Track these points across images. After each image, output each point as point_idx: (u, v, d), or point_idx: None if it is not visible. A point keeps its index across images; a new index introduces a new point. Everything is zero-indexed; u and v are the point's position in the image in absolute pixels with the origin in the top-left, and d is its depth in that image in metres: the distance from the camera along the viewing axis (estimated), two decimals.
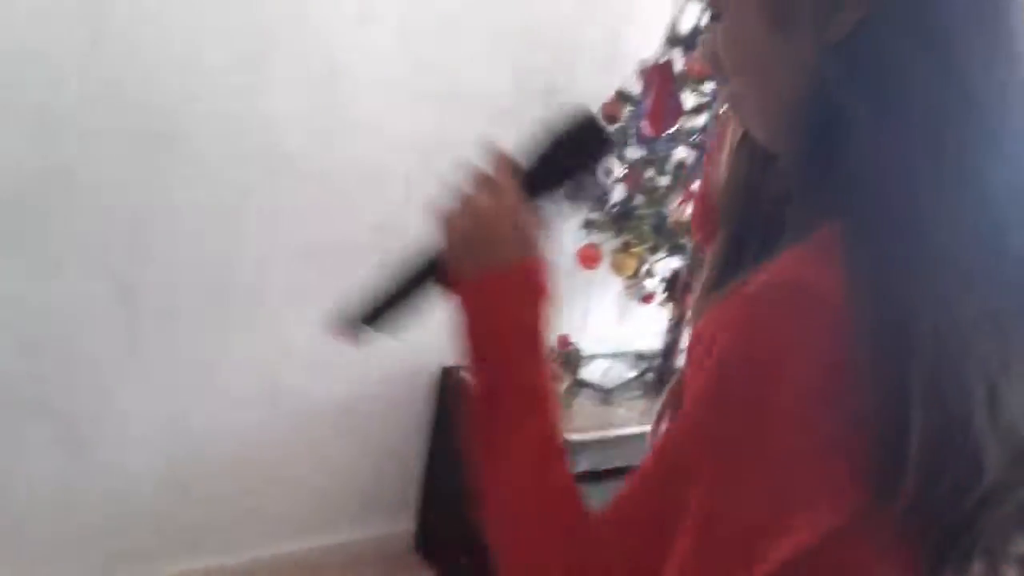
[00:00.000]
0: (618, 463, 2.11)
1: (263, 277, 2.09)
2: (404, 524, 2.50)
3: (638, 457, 2.18)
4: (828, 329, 0.55)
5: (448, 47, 2.12)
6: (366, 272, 2.29)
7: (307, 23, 1.94)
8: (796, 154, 0.64)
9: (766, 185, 0.70)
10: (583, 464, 2.03)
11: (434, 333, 2.33)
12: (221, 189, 1.97)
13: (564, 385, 2.26)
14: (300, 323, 2.17)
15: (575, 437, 2.06)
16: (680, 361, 2.37)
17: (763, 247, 0.66)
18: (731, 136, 0.73)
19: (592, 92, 2.27)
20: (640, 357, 2.50)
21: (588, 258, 2.14)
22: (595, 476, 2.08)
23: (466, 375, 0.79)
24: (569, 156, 0.78)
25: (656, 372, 2.36)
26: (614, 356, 2.50)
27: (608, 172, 2.07)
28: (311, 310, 2.17)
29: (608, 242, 2.16)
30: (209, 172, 1.94)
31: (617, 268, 2.14)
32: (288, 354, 2.18)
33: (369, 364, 2.30)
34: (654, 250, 2.10)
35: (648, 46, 2.20)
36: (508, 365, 0.74)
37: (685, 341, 2.33)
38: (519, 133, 2.49)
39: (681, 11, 2.12)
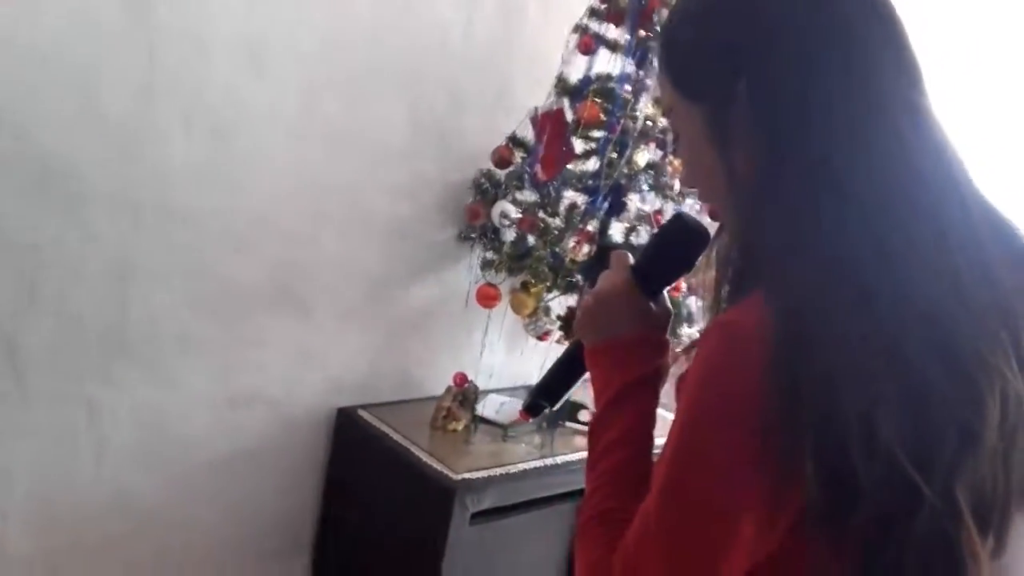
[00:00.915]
0: (520, 498, 2.17)
1: (155, 326, 2.03)
2: (299, 567, 2.45)
3: (538, 491, 2.26)
4: (748, 357, 0.68)
5: (343, 91, 2.14)
6: (265, 321, 2.28)
7: (200, 69, 1.92)
8: (742, 240, 0.81)
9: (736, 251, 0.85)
10: (488, 500, 2.07)
11: (329, 375, 2.35)
12: (112, 237, 1.91)
13: (463, 422, 2.30)
14: (194, 371, 2.12)
15: (477, 475, 2.10)
16: (575, 395, 2.46)
17: (737, 292, 0.81)
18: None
19: (484, 137, 2.35)
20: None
21: (486, 297, 2.19)
22: (499, 512, 2.13)
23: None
24: (670, 255, 0.95)
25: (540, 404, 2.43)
26: (508, 391, 2.56)
27: (506, 216, 2.14)
28: (205, 357, 2.14)
29: (505, 281, 2.22)
30: (99, 219, 1.88)
31: (516, 307, 2.21)
32: (181, 402, 2.12)
33: (263, 408, 2.27)
34: (550, 289, 2.18)
35: (536, 93, 2.30)
36: (598, 417, 0.90)
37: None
38: (414, 177, 2.56)
39: (568, 62, 2.24)
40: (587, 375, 0.98)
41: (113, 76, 1.81)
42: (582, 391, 2.54)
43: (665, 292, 0.97)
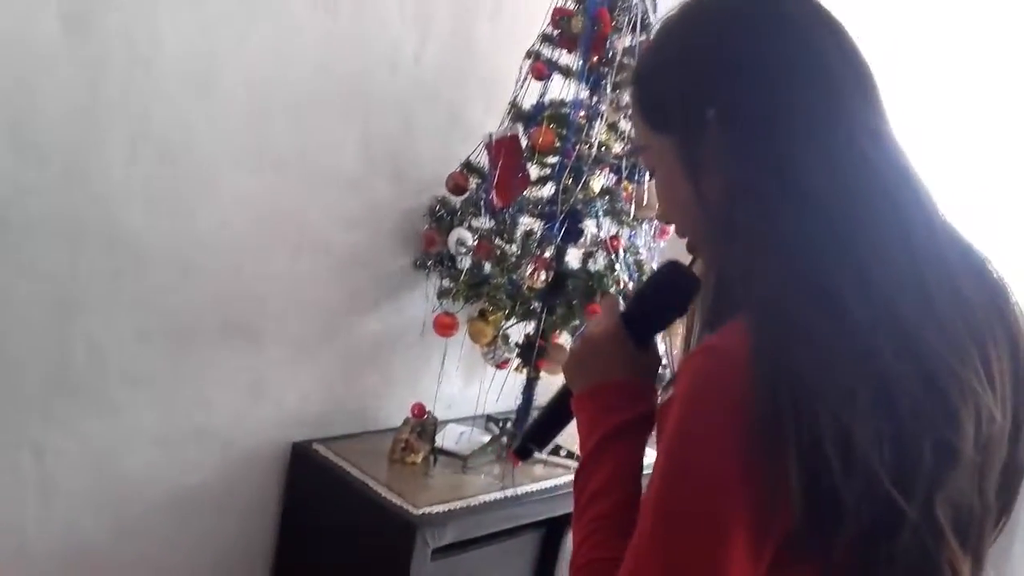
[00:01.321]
0: (481, 531, 2.13)
1: (99, 361, 1.96)
2: None
3: (500, 524, 2.22)
4: (733, 376, 0.69)
5: (294, 117, 2.10)
6: (214, 353, 2.22)
7: (147, 90, 1.86)
8: (720, 268, 0.82)
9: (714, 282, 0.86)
10: (449, 535, 2.03)
11: (284, 408, 2.29)
12: (50, 268, 1.83)
13: (422, 454, 2.26)
14: (142, 406, 2.05)
15: (438, 508, 2.06)
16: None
17: (717, 323, 0.80)
18: None
19: (438, 163, 2.33)
20: (491, 420, 2.54)
21: (444, 326, 2.16)
22: (461, 546, 2.08)
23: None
24: (661, 302, 0.95)
25: (509, 436, 2.40)
26: (466, 420, 2.52)
27: (463, 244, 2.11)
28: (153, 392, 2.06)
29: (463, 309, 2.19)
30: (35, 249, 1.81)
31: (475, 336, 2.18)
32: (130, 439, 2.04)
33: (216, 442, 2.20)
34: (508, 316, 2.16)
35: (489, 119, 2.29)
36: (583, 465, 0.90)
37: (537, 401, 2.41)
38: (367, 204, 2.52)
39: (522, 88, 2.23)
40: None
41: (49, 98, 1.74)
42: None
43: (657, 339, 0.97)
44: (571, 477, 2.45)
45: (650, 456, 0.81)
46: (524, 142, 2.16)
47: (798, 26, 0.78)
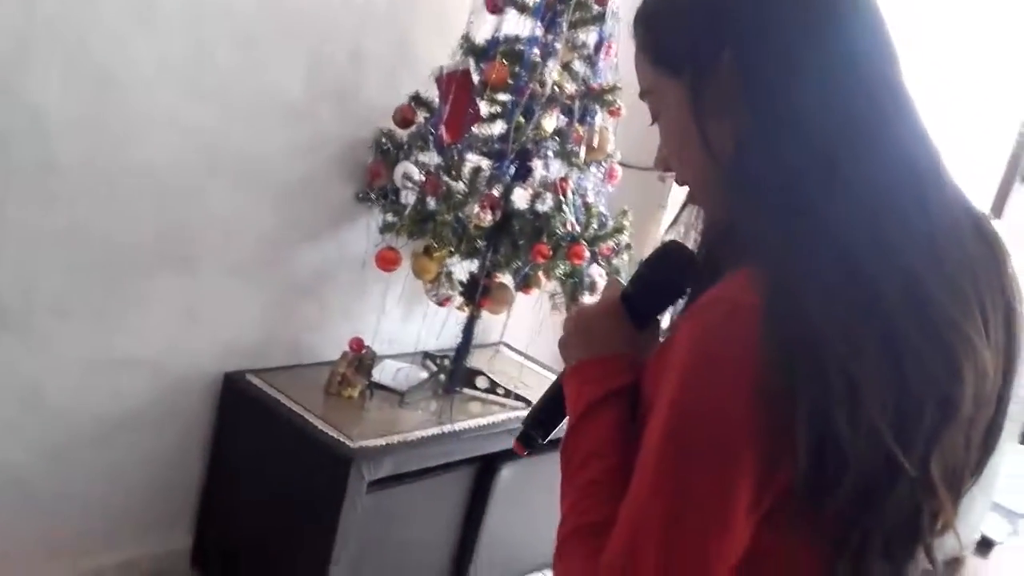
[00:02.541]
0: (417, 465, 2.14)
1: (29, 289, 1.88)
2: (182, 539, 2.35)
3: (436, 458, 2.24)
4: (745, 328, 0.68)
5: (237, 46, 2.02)
6: (148, 283, 2.14)
7: (84, 16, 1.76)
8: (724, 217, 0.82)
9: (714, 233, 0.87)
10: (385, 468, 2.03)
11: (217, 338, 2.24)
12: None
13: (359, 389, 2.24)
14: (72, 336, 1.98)
15: (375, 442, 2.05)
16: (472, 361, 2.44)
17: (715, 275, 0.79)
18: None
19: (385, 95, 2.27)
20: (429, 357, 2.54)
21: (387, 260, 2.13)
22: (397, 479, 2.09)
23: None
24: (659, 285, 0.93)
25: (447, 373, 2.40)
26: (404, 357, 2.51)
27: (409, 178, 2.08)
28: (83, 324, 1.99)
29: (407, 245, 2.16)
30: None
31: (418, 272, 2.15)
32: (59, 370, 1.98)
33: (146, 372, 2.14)
34: (453, 254, 2.14)
35: (440, 52, 2.23)
36: (571, 428, 0.88)
37: (476, 339, 2.42)
38: (310, 135, 2.46)
39: (476, 21, 2.18)
40: None
41: None
42: (478, 356, 2.53)
43: (659, 318, 0.95)
44: (508, 415, 2.48)
45: None
46: (476, 78, 2.12)
47: None
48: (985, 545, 1.68)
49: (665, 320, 0.97)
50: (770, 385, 0.67)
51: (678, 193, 2.94)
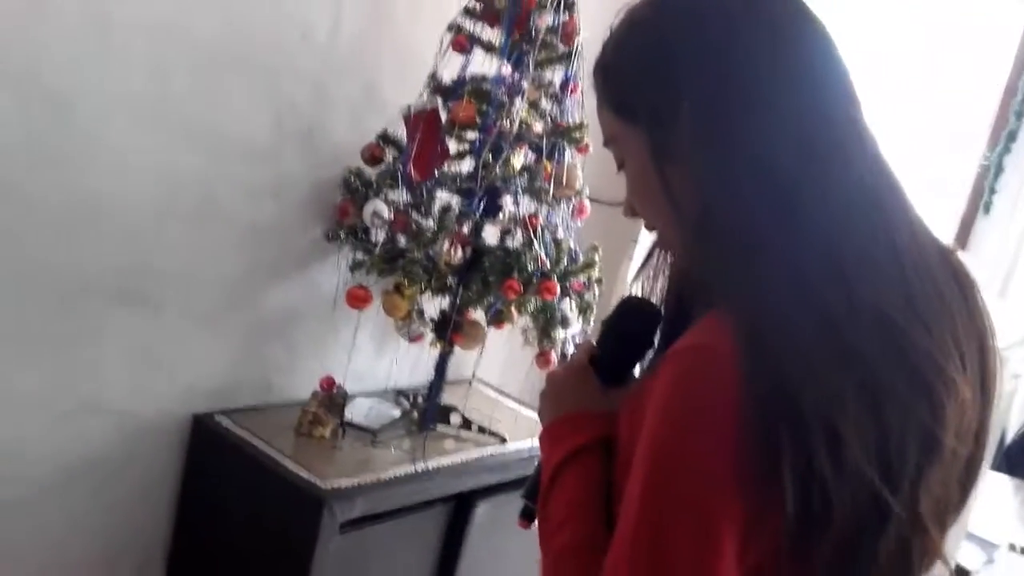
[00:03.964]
0: (391, 505, 2.12)
1: None
2: None
3: (410, 498, 2.21)
4: (723, 376, 0.68)
5: (202, 79, 2.02)
6: (108, 322, 2.10)
7: (37, 33, 1.73)
8: (694, 264, 0.82)
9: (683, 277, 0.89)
10: (358, 508, 2.01)
11: (184, 380, 2.21)
12: None
13: (330, 428, 2.22)
14: (24, 375, 1.94)
15: (347, 482, 2.03)
16: (445, 397, 2.43)
17: (687, 319, 0.80)
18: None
19: (352, 135, 2.28)
20: (401, 394, 2.52)
21: (357, 298, 2.12)
22: (372, 519, 2.07)
23: None
24: (625, 341, 0.95)
25: (420, 410, 2.39)
26: (376, 394, 2.50)
27: (379, 216, 2.08)
28: (37, 359, 1.95)
29: (377, 283, 2.16)
30: None
31: (389, 310, 2.15)
32: (13, 411, 1.94)
33: (110, 413, 2.10)
34: (424, 290, 2.14)
35: (406, 92, 2.25)
36: (543, 493, 0.88)
37: (448, 376, 2.41)
38: (275, 173, 2.44)
39: (442, 61, 2.21)
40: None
41: None
42: (451, 393, 2.53)
43: (633, 374, 0.96)
44: (482, 451, 2.46)
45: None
46: (444, 116, 2.14)
47: (775, 18, 0.77)
48: (961, 575, 1.70)
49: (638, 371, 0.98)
50: (752, 434, 0.67)
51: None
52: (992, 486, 2.98)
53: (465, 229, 2.14)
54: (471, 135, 2.18)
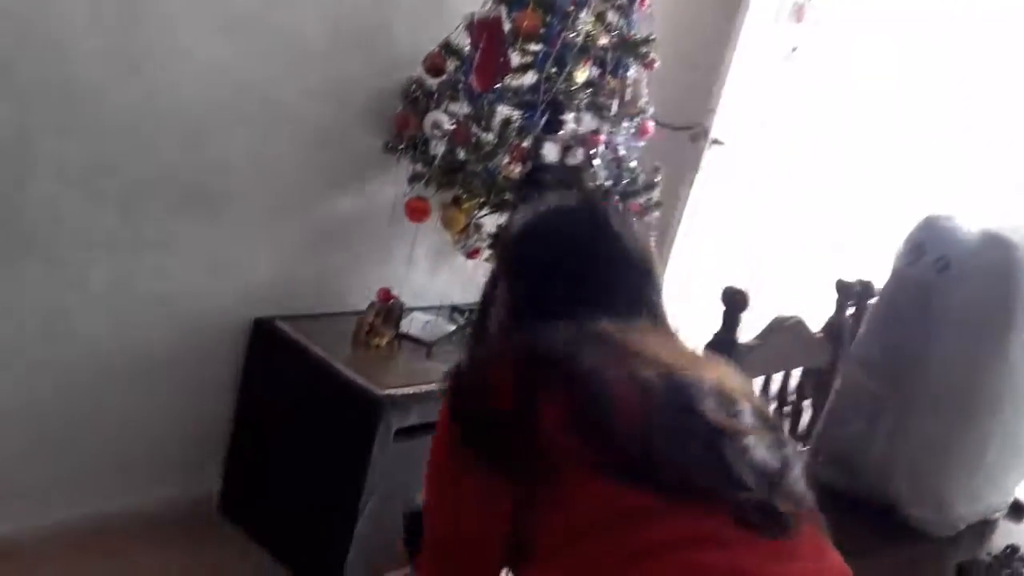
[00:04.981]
0: None
1: (54, 219, 1.89)
2: (209, 484, 2.39)
3: None
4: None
5: None
6: (174, 221, 2.14)
7: None
8: None
9: None
10: (412, 417, 2.05)
11: (246, 283, 2.25)
12: (6, 114, 1.75)
13: (387, 339, 2.25)
14: (96, 269, 1.99)
15: (402, 391, 2.07)
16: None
17: None
18: None
19: (414, 42, 2.24)
20: (456, 310, 2.54)
21: (417, 211, 2.12)
22: (424, 428, 2.11)
23: None
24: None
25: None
26: (433, 309, 2.52)
27: (439, 128, 2.06)
28: (108, 255, 2.00)
29: (435, 196, 2.15)
30: None
31: (447, 223, 2.15)
32: (83, 303, 2.00)
33: (174, 314, 2.16)
34: (482, 205, 2.13)
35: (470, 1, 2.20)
36: None
37: None
38: (335, 78, 2.41)
39: None
40: None
41: None
42: None
43: None
44: None
45: None
46: (507, 26, 2.10)
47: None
48: (1018, 509, 1.70)
49: None
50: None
51: (712, 156, 2.92)
52: None
53: (525, 144, 2.11)
54: (534, 47, 2.13)
